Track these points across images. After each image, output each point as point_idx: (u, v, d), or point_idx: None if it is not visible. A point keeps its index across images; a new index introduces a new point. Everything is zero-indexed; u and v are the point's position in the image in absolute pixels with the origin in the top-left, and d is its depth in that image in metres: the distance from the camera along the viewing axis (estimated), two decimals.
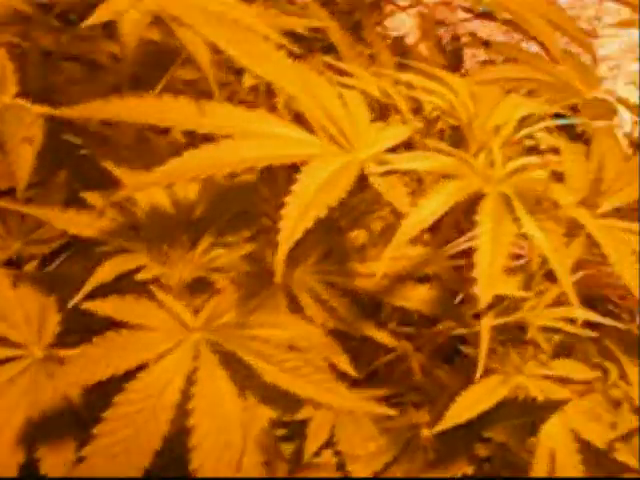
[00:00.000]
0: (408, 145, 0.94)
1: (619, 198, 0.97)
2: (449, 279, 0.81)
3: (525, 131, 0.89)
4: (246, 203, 0.84)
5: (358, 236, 0.85)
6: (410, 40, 1.39)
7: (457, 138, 0.93)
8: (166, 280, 0.78)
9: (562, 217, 0.74)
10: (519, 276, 0.77)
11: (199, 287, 0.80)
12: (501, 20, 1.30)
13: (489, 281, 0.68)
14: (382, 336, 0.83)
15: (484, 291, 0.67)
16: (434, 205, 0.72)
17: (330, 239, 0.85)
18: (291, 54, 1.01)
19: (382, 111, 1.00)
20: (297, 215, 0.70)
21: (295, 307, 0.82)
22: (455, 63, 1.32)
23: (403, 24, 1.42)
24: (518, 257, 0.77)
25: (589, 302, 0.84)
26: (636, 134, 1.32)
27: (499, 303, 0.75)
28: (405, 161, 0.76)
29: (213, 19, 0.81)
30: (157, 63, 0.90)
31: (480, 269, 0.68)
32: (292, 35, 1.02)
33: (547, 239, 0.70)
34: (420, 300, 0.82)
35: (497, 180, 0.81)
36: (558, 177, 0.88)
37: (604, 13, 1.81)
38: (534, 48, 1.34)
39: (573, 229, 0.76)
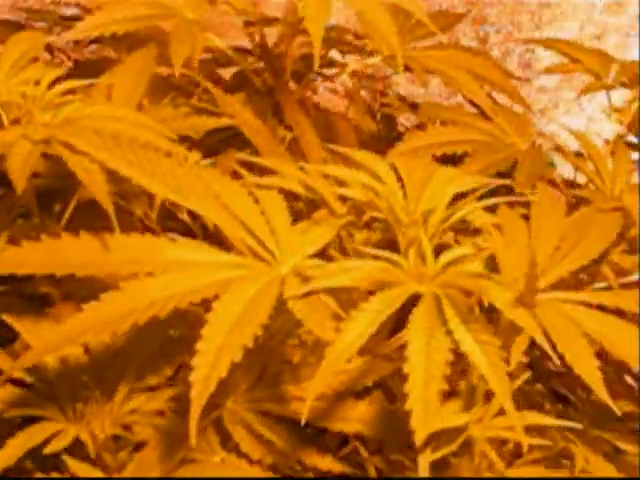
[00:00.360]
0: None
1: (563, 268, 0.93)
2: (392, 386, 0.76)
3: (458, 215, 0.84)
4: (164, 338, 0.78)
5: (292, 352, 0.80)
6: (340, 107, 1.35)
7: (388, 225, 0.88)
8: (85, 438, 0.72)
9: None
10: (458, 395, 0.72)
11: (122, 440, 0.74)
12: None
13: (424, 414, 0.62)
14: (326, 463, 0.77)
15: (419, 427, 0.62)
16: (362, 326, 0.66)
17: (261, 360, 0.80)
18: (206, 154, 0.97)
19: (309, 205, 0.96)
20: (209, 363, 0.64)
21: (229, 444, 0.76)
22: (387, 128, 1.28)
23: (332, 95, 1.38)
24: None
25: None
26: (579, 179, 1.29)
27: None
28: (326, 279, 0.70)
29: (109, 141, 0.76)
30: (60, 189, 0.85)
31: (413, 399, 0.63)
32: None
33: (484, 354, 0.65)
34: (360, 420, 0.76)
35: (430, 278, 0.76)
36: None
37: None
38: None
39: (513, 330, 0.71)
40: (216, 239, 0.82)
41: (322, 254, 0.85)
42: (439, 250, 0.83)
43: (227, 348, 0.64)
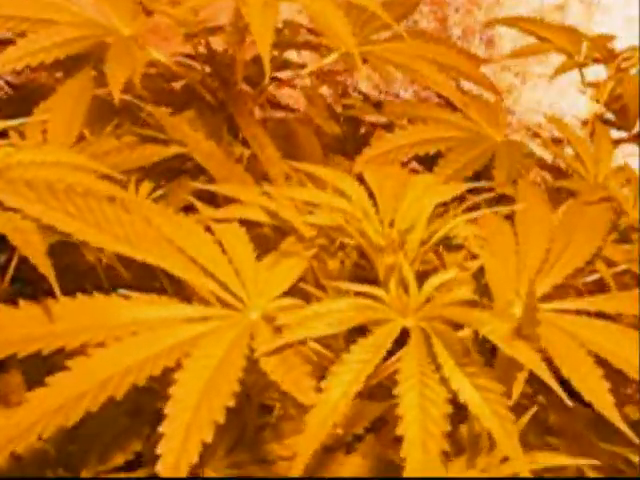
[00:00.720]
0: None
1: (557, 274, 0.86)
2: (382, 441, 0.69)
3: (440, 233, 0.77)
4: (131, 408, 0.70)
5: (271, 405, 0.72)
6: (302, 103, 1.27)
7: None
8: None
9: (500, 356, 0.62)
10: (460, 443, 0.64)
11: None
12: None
13: (424, 473, 0.55)
14: None
15: None
16: (346, 382, 0.58)
17: (240, 418, 0.72)
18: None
19: (275, 231, 0.88)
20: (177, 446, 0.56)
21: None
22: (352, 130, 1.20)
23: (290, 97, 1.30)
24: None
25: None
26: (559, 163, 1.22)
27: None
28: (299, 328, 0.63)
29: (44, 192, 0.68)
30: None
31: (411, 466, 0.55)
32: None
33: (485, 404, 0.57)
34: (353, 473, 0.69)
35: (415, 310, 0.69)
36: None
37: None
38: None
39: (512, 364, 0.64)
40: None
41: (294, 290, 0.78)
42: (422, 274, 0.76)
43: (197, 425, 0.57)
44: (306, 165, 0.87)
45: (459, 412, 0.60)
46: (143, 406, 0.71)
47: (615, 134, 1.23)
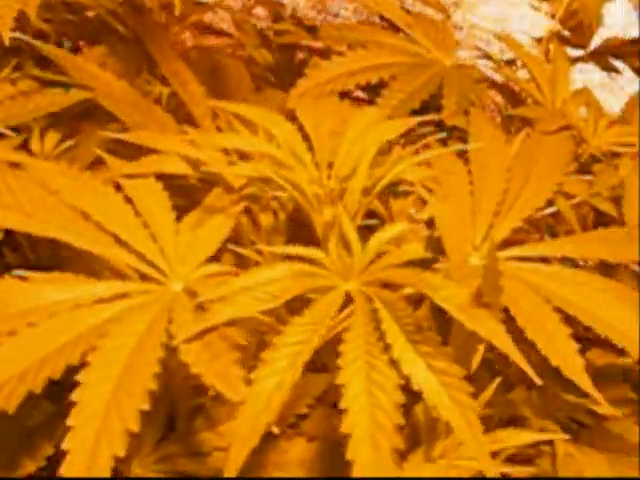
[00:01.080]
0: None
1: (516, 216, 0.78)
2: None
3: (386, 180, 0.67)
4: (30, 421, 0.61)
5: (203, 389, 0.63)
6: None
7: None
8: None
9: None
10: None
11: None
12: None
13: (375, 473, 0.47)
14: None
15: None
16: (279, 370, 0.50)
17: (167, 406, 0.63)
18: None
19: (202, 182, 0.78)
20: (84, 464, 0.47)
21: None
22: (286, 59, 1.09)
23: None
24: None
25: None
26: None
27: None
28: (225, 307, 0.53)
29: None
30: None
31: (359, 466, 0.47)
32: None
33: (444, 389, 0.49)
34: (300, 463, 0.61)
35: (358, 272, 0.60)
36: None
37: None
38: None
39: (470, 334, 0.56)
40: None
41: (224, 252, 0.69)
42: (366, 230, 0.67)
43: (105, 438, 0.48)
44: (230, 104, 0.77)
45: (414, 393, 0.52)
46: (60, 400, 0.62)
47: (571, 52, 1.14)
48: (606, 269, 0.94)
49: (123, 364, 0.51)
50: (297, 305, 0.60)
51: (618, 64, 1.19)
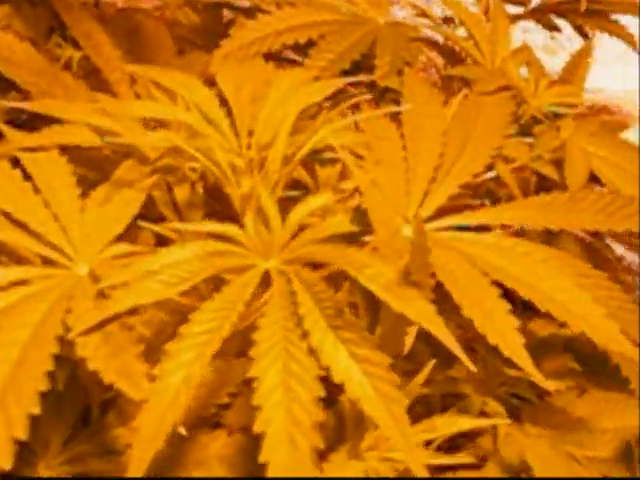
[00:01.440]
0: None
1: (452, 182, 0.73)
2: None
3: (307, 148, 0.62)
4: None
5: None
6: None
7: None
8: None
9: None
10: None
11: None
12: None
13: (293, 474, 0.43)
14: None
15: None
16: (185, 363, 0.45)
17: (76, 398, 0.57)
18: None
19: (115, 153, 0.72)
20: None
21: None
22: (213, 19, 1.03)
23: None
24: None
25: None
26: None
27: None
28: (127, 295, 0.48)
29: None
30: None
31: (275, 462, 0.43)
32: None
33: (367, 380, 0.45)
34: (221, 459, 0.56)
35: (279, 249, 0.55)
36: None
37: None
38: None
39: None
40: None
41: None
42: (291, 203, 0.62)
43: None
44: (145, 69, 0.71)
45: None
46: None
47: (511, 10, 1.10)
48: (549, 235, 0.91)
49: (14, 361, 0.46)
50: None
51: (559, 22, 1.15)
